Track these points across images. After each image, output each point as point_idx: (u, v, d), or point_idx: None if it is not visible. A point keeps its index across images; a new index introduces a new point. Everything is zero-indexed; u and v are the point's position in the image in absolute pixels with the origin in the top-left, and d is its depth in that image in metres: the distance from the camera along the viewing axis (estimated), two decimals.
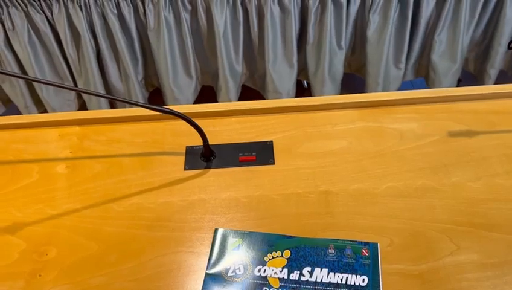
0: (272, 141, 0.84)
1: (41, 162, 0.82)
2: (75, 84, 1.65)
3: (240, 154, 0.82)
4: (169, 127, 0.88)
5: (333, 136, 0.84)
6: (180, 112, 0.74)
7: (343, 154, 0.80)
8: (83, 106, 1.73)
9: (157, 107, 0.73)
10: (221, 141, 0.85)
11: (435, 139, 0.81)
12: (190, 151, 0.83)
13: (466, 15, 1.49)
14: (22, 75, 0.67)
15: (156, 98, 1.78)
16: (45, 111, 1.70)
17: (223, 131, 0.87)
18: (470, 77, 1.81)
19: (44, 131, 0.88)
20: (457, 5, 1.48)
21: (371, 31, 1.54)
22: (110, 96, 0.71)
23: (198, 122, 0.76)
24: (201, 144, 0.80)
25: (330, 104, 0.88)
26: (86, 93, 0.70)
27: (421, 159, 0.78)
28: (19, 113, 1.70)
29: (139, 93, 1.64)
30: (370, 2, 1.48)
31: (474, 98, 0.87)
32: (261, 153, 0.82)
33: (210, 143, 0.80)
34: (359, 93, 0.91)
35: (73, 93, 1.67)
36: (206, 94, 1.81)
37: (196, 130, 0.77)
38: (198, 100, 1.76)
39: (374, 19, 1.52)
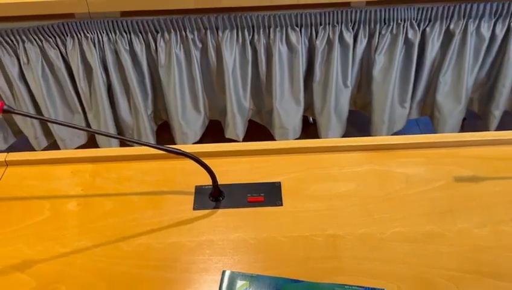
0: (280, 182, 0.85)
1: (53, 199, 0.83)
2: (85, 117, 1.68)
3: (248, 195, 0.83)
4: (179, 165, 0.89)
5: (340, 178, 0.85)
6: (190, 151, 0.76)
7: (350, 197, 0.81)
8: (92, 138, 1.76)
9: (168, 149, 0.75)
10: (230, 180, 0.86)
11: (441, 184, 0.82)
12: (199, 190, 0.85)
13: (470, 57, 1.52)
14: (39, 116, 0.69)
15: (164, 131, 1.81)
16: (54, 142, 1.73)
17: (232, 171, 0.88)
18: (474, 115, 1.83)
19: (57, 168, 0.90)
20: (461, 47, 1.51)
21: (377, 71, 1.57)
22: (125, 138, 0.73)
23: (207, 161, 0.78)
24: (211, 182, 0.81)
25: (337, 147, 0.90)
26: (102, 134, 0.72)
27: (427, 204, 0.79)
28: (28, 143, 1.73)
29: (147, 127, 1.67)
30: (376, 43, 1.52)
31: (480, 144, 0.89)
32: (269, 194, 0.83)
33: (219, 183, 0.82)
34: (366, 136, 0.93)
35: (82, 125, 1.69)
36: (213, 127, 1.83)
37: (206, 170, 0.78)
38: (206, 134, 1.79)
39: (380, 60, 1.55)
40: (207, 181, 0.82)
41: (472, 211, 0.77)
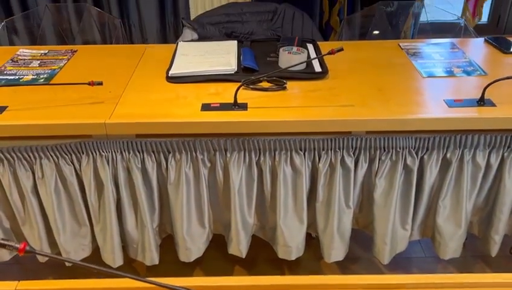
0: None
1: None
2: (92, 230, 1.71)
3: None
4: None
5: None
6: (195, 284, 0.78)
7: None
8: (96, 250, 1.76)
9: (173, 287, 0.77)
10: None
11: None
12: None
13: (468, 184, 1.58)
14: (58, 257, 0.73)
15: (167, 243, 1.82)
16: (59, 253, 1.73)
17: None
18: (475, 237, 1.85)
19: None
20: (458, 174, 1.58)
21: (378, 194, 1.62)
22: (137, 278, 0.75)
23: None
24: None
25: (343, 284, 0.92)
26: (118, 274, 0.75)
27: None
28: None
29: (152, 242, 1.69)
30: (376, 168, 1.59)
31: (484, 286, 0.91)
32: None
33: None
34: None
35: (88, 238, 1.72)
36: (217, 241, 1.84)
37: None
38: (208, 246, 1.79)
39: (381, 183, 1.61)
40: None
41: None
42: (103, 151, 1.54)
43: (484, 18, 3.67)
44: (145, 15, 3.20)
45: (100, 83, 1.55)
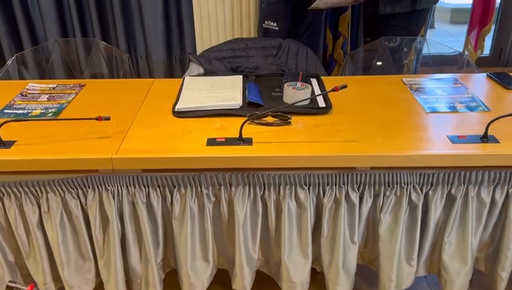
0: None
1: None
2: (96, 264, 1.70)
3: None
4: None
5: None
6: None
7: None
8: (100, 285, 1.75)
9: None
10: None
11: None
12: None
13: (473, 220, 1.58)
14: None
15: (171, 278, 1.81)
16: (62, 287, 1.72)
17: None
18: (482, 273, 1.83)
19: None
20: (463, 210, 1.58)
21: (383, 230, 1.62)
22: None
23: None
24: None
25: None
26: None
27: None
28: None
29: (156, 277, 1.68)
30: (381, 203, 1.59)
31: None
32: None
33: None
34: None
35: (92, 272, 1.71)
36: (221, 275, 1.83)
37: None
38: (212, 281, 1.78)
39: (385, 219, 1.61)
40: None
41: None
42: (109, 186, 1.55)
43: (486, 51, 3.71)
44: (152, 48, 3.27)
45: (108, 118, 1.57)
